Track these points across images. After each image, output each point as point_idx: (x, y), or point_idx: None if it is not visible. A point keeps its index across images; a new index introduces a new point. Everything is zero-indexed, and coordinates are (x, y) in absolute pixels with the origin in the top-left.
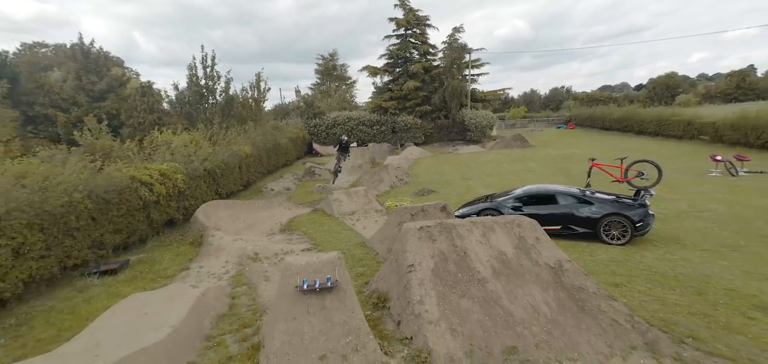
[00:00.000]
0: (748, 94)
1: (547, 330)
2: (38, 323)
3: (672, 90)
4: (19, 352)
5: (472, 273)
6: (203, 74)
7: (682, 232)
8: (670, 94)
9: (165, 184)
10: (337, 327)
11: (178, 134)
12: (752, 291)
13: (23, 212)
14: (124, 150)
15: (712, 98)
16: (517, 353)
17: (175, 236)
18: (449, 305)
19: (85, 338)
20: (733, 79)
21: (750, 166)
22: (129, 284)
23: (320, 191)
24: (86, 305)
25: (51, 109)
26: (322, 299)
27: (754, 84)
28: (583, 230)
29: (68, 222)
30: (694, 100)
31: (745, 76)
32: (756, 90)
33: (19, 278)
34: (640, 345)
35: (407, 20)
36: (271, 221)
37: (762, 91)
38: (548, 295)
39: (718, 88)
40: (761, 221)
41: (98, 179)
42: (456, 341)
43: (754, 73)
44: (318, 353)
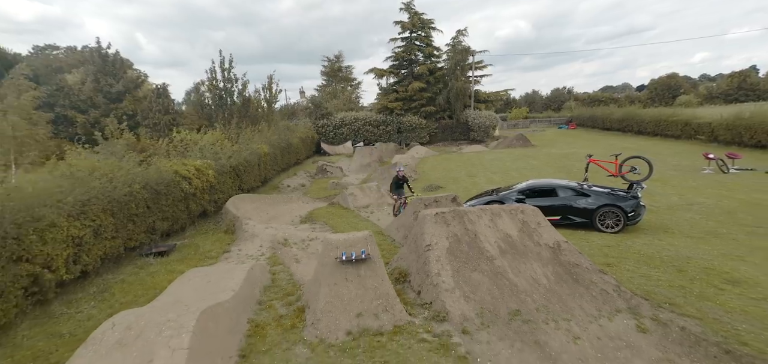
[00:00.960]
0: (749, 94)
1: (546, 297)
2: (116, 291)
3: (673, 90)
4: (108, 311)
5: (481, 252)
6: (221, 77)
7: (671, 222)
8: (671, 94)
9: (200, 178)
10: (369, 292)
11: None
12: (726, 269)
13: (99, 199)
14: (158, 148)
15: (713, 99)
16: (520, 315)
17: (209, 225)
18: (462, 277)
19: (167, 297)
20: (734, 80)
21: (740, 163)
22: (181, 263)
23: (334, 187)
24: (151, 278)
25: (70, 110)
26: (357, 269)
27: (755, 85)
28: (580, 219)
29: (130, 209)
30: (695, 101)
31: (746, 76)
32: (757, 91)
33: (98, 255)
34: (624, 309)
35: (412, 23)
36: (291, 213)
37: (763, 91)
38: (547, 269)
39: (718, 89)
40: (743, 212)
41: (151, 173)
42: (469, 305)
43: (756, 74)
44: (355, 312)
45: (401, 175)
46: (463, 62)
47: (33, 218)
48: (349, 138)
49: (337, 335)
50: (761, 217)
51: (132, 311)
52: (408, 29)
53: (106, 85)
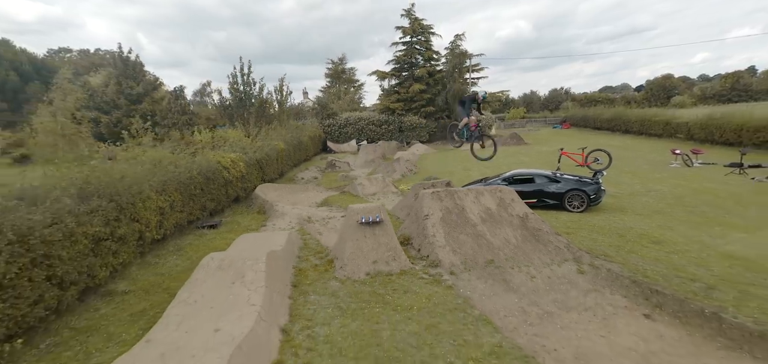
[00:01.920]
0: (741, 95)
1: (514, 251)
2: (188, 250)
3: (668, 91)
4: (187, 262)
5: (467, 220)
6: (241, 81)
7: (628, 204)
8: (666, 95)
9: (235, 168)
10: (382, 246)
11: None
12: (656, 235)
13: (172, 181)
14: (201, 143)
15: (707, 99)
16: (493, 263)
17: (242, 207)
18: (452, 238)
19: (235, 248)
20: (727, 81)
21: (704, 158)
22: (229, 233)
23: (344, 178)
24: (211, 242)
25: (95, 111)
26: (373, 229)
27: (749, 86)
28: (553, 201)
29: (191, 190)
30: (689, 102)
31: (739, 78)
32: (750, 91)
33: (172, 223)
34: (570, 259)
35: (413, 28)
36: (309, 199)
37: (755, 92)
38: (516, 232)
39: (712, 90)
40: (690, 197)
41: (202, 162)
42: (455, 256)
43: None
44: (371, 260)
45: (479, 97)
46: (461, 65)
47: (138, 192)
48: (354, 137)
49: (359, 274)
50: (702, 201)
51: (219, 253)
52: (409, 34)
53: (127, 88)
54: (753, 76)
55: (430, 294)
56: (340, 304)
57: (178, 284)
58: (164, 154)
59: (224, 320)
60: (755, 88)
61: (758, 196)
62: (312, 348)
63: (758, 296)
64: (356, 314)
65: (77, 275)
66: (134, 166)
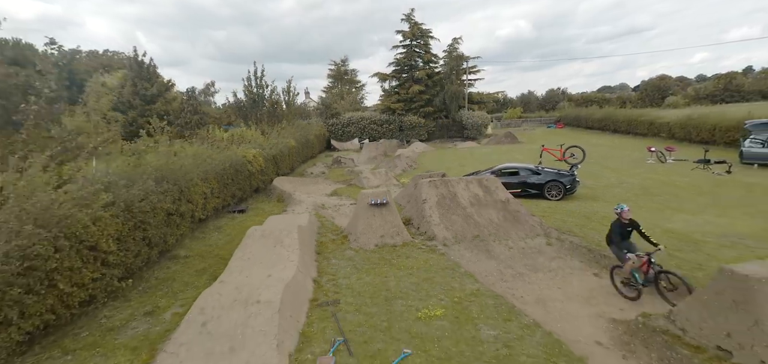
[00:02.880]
0: (734, 95)
1: (496, 228)
2: (226, 229)
3: (663, 91)
4: (227, 237)
5: (458, 203)
6: (255, 84)
7: (601, 194)
8: (661, 95)
9: (256, 162)
10: (388, 223)
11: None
12: None
13: (211, 171)
14: (225, 140)
15: (700, 100)
16: (479, 237)
17: (262, 197)
18: (445, 218)
19: (268, 223)
20: (720, 82)
21: (677, 155)
22: (256, 216)
23: (350, 173)
24: (242, 223)
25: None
26: (381, 210)
27: (741, 86)
28: (535, 191)
29: (224, 179)
30: (682, 102)
31: (732, 79)
32: (742, 92)
33: (212, 206)
34: (541, 234)
35: (412, 33)
36: (320, 191)
37: (747, 93)
38: (499, 214)
39: (705, 91)
40: (656, 189)
41: (232, 156)
42: (448, 232)
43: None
44: (379, 234)
45: (626, 217)
46: (458, 67)
47: (190, 179)
48: (356, 135)
49: (370, 245)
50: (665, 191)
51: (259, 226)
52: (409, 38)
53: (142, 89)
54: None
55: (427, 259)
56: (356, 265)
57: (225, 251)
58: (203, 150)
59: (273, 269)
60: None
61: (714, 187)
62: (337, 292)
63: (679, 258)
64: (369, 271)
65: (158, 239)
66: (183, 158)
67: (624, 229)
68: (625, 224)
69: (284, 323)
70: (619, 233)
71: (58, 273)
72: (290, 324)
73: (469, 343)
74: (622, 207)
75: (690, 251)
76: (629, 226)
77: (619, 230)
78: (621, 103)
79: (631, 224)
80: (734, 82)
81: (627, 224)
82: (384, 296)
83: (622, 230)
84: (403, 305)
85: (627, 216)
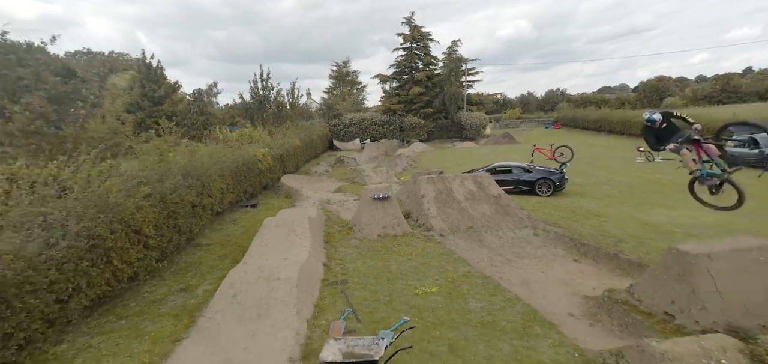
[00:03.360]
0: (731, 96)
1: (488, 221)
2: (240, 221)
3: (661, 93)
4: (241, 229)
5: (454, 198)
6: (261, 86)
7: (589, 191)
8: (659, 96)
9: (265, 160)
10: (390, 216)
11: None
12: (599, 211)
13: (226, 168)
14: (231, 140)
15: (698, 101)
16: (472, 228)
17: (271, 193)
18: (442, 211)
19: (281, 215)
20: (718, 83)
21: (663, 154)
22: (267, 210)
23: (353, 171)
24: (256, 216)
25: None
26: (383, 203)
27: (738, 87)
28: (526, 188)
29: (238, 176)
30: (681, 103)
31: (730, 80)
32: (739, 93)
33: (227, 200)
34: (529, 226)
35: (413, 36)
36: (324, 188)
37: (744, 94)
38: (491, 207)
39: (703, 91)
40: (640, 186)
41: (244, 154)
42: (444, 224)
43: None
44: (382, 226)
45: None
46: (457, 69)
47: (209, 175)
48: (358, 136)
49: (373, 236)
50: (649, 188)
51: (272, 217)
52: (409, 41)
53: (150, 91)
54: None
55: (425, 247)
56: (361, 252)
57: (242, 240)
58: (219, 149)
59: (288, 254)
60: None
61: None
62: (345, 273)
63: (649, 245)
64: (372, 257)
65: (185, 227)
66: (202, 157)
67: (658, 131)
68: (655, 127)
69: (301, 296)
70: (655, 135)
71: (113, 251)
72: (306, 297)
73: (459, 312)
74: (649, 116)
75: (659, 240)
76: (663, 122)
77: (652, 133)
78: (619, 104)
79: (664, 120)
80: (732, 83)
81: (659, 125)
82: (386, 277)
83: (657, 133)
84: (403, 283)
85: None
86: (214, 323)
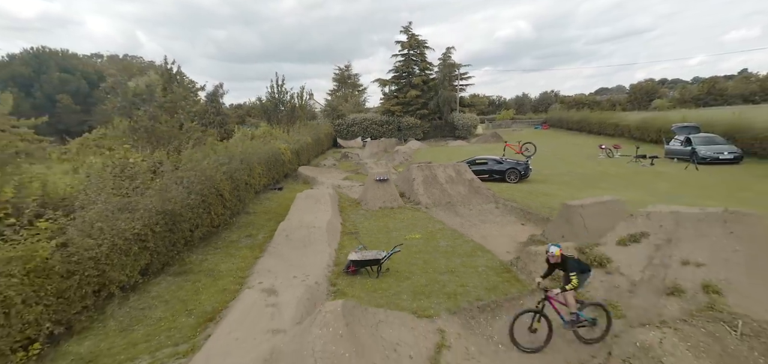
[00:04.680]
0: (716, 99)
1: (463, 198)
2: (273, 199)
3: (650, 95)
4: (275, 203)
5: (437, 181)
6: (277, 91)
7: (550, 179)
8: (648, 98)
9: (287, 153)
10: (388, 193)
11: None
12: (551, 193)
13: (261, 158)
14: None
15: (685, 103)
16: (450, 203)
17: (290, 180)
18: (427, 191)
19: (308, 192)
20: (704, 86)
21: (622, 151)
22: (291, 192)
23: (356, 164)
24: (283, 196)
25: None
26: (383, 185)
27: (723, 90)
28: (498, 176)
29: (269, 164)
30: (667, 105)
31: (715, 83)
32: (724, 95)
33: (262, 182)
34: (492, 202)
35: (410, 44)
36: (334, 177)
37: (729, 97)
38: (466, 188)
39: (690, 94)
40: (593, 176)
41: (272, 148)
42: (429, 200)
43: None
44: (382, 200)
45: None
46: (450, 74)
47: (252, 162)
48: (360, 134)
49: (375, 208)
50: (599, 178)
51: (304, 191)
52: (407, 48)
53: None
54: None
55: (414, 215)
56: (367, 217)
57: (279, 210)
58: (256, 144)
59: (317, 214)
60: (730, 92)
61: (633, 174)
62: (356, 228)
63: None
64: (375, 220)
65: (242, 198)
66: (246, 148)
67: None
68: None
69: (329, 237)
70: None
71: (211, 205)
72: (332, 238)
73: (432, 246)
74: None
75: None
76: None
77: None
78: (610, 106)
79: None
80: (717, 86)
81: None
82: (385, 231)
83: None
84: (397, 234)
85: (553, 258)
86: (277, 249)
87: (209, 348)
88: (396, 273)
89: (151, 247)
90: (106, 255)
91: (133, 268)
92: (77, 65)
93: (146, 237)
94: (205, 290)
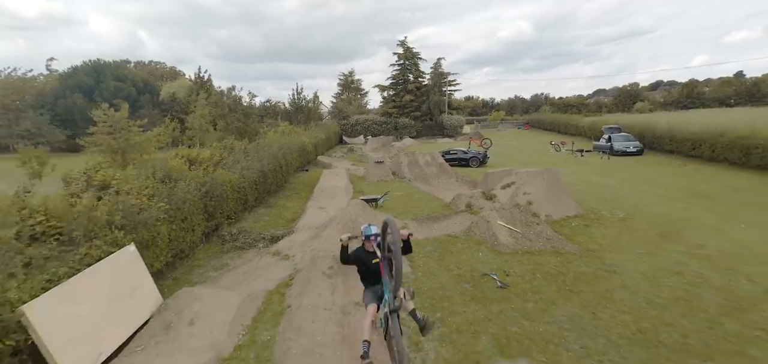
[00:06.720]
0: (694, 102)
1: (435, 175)
2: (302, 177)
3: (634, 97)
4: (306, 179)
5: (418, 164)
6: (296, 97)
7: (502, 164)
8: (632, 101)
9: (309, 146)
10: (385, 171)
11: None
12: None
13: (292, 148)
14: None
15: (666, 105)
16: (427, 178)
17: (312, 165)
18: (411, 170)
19: (328, 173)
20: (684, 90)
21: (567, 147)
22: (315, 173)
23: (361, 155)
24: (309, 175)
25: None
26: (380, 165)
27: (701, 94)
28: (464, 163)
29: (299, 152)
30: (648, 108)
31: (694, 87)
32: (702, 99)
33: (294, 167)
34: (454, 178)
35: (405, 55)
36: (344, 163)
37: (706, 100)
38: (437, 169)
39: (671, 97)
40: (531, 162)
41: (300, 141)
42: (412, 175)
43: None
44: (380, 177)
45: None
46: (440, 82)
47: (289, 151)
48: (362, 132)
49: (374, 180)
50: (535, 164)
51: (328, 169)
52: (403, 59)
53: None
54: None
55: (400, 184)
56: (368, 185)
57: (311, 182)
58: (290, 138)
59: (338, 182)
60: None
61: (563, 163)
62: (361, 191)
63: None
64: (374, 188)
65: (286, 174)
66: (286, 141)
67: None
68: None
69: (347, 193)
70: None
71: (277, 173)
72: (347, 194)
73: (411, 198)
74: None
75: None
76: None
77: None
78: (597, 108)
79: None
80: (695, 90)
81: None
82: (380, 192)
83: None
84: (388, 194)
85: (371, 245)
86: (316, 199)
87: (303, 218)
88: (386, 207)
89: (260, 188)
90: (246, 187)
91: (254, 195)
92: (127, 74)
93: (257, 182)
94: (286, 211)
